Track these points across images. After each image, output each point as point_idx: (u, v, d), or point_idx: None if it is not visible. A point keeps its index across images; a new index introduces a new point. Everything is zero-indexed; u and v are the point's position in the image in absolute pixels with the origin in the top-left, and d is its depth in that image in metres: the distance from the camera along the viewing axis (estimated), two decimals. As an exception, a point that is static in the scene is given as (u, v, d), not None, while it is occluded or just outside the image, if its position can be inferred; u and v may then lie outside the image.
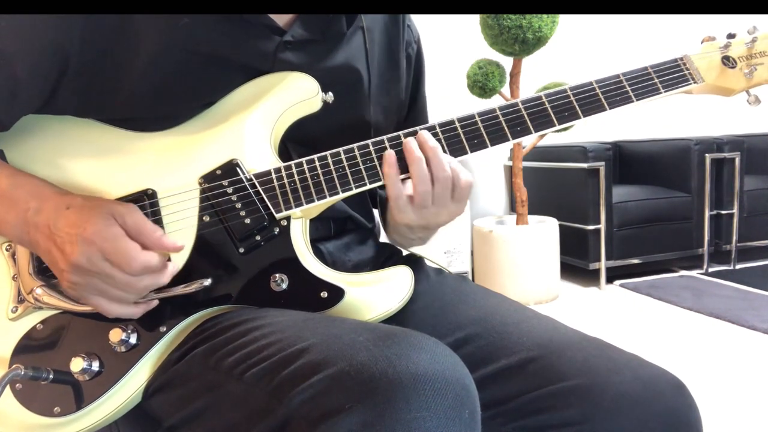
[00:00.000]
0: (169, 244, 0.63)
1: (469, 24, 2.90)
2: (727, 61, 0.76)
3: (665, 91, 0.74)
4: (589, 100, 0.72)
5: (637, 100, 0.73)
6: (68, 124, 0.70)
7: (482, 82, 2.60)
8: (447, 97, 3.02)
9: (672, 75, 0.74)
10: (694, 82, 0.75)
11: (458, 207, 0.72)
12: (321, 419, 0.48)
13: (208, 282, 0.66)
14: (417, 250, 0.86)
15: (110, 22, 0.65)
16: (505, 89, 2.69)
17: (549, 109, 0.72)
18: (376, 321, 0.67)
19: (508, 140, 0.71)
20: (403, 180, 0.69)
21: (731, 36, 0.77)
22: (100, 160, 0.69)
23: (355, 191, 0.69)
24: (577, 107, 0.72)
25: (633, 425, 0.61)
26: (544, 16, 2.43)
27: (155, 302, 0.65)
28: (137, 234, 0.61)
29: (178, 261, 0.66)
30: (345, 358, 0.51)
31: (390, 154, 0.68)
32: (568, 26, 3.26)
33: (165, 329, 0.66)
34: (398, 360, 0.50)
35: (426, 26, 2.98)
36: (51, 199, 0.63)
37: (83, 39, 0.65)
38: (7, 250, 0.68)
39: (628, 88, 0.73)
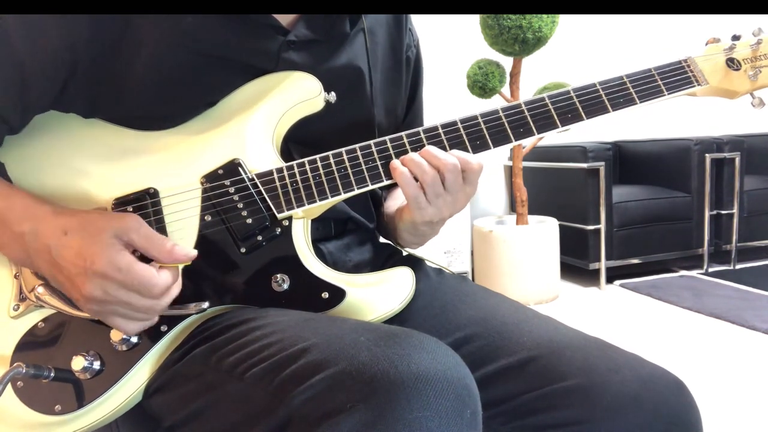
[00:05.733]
0: (182, 256, 0.60)
1: (469, 24, 2.89)
2: (732, 63, 0.75)
3: (669, 94, 0.73)
4: (593, 101, 0.72)
5: (641, 102, 0.72)
6: (72, 123, 0.70)
7: (482, 82, 2.60)
8: (447, 97, 3.02)
9: (676, 77, 0.74)
10: (698, 85, 0.74)
11: (471, 189, 0.72)
12: (322, 419, 0.48)
13: (205, 305, 0.65)
14: (417, 250, 0.86)
15: (115, 23, 0.65)
16: (505, 89, 2.69)
17: (552, 110, 0.71)
18: (377, 321, 0.67)
19: (511, 141, 0.71)
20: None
21: (736, 38, 0.76)
22: (102, 158, 0.69)
23: (356, 192, 0.69)
24: (580, 109, 0.72)
25: (633, 425, 0.61)
26: (544, 16, 2.43)
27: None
28: (147, 248, 0.59)
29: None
30: (346, 358, 0.51)
31: (395, 162, 0.69)
32: (568, 26, 3.26)
33: (166, 329, 0.66)
34: (399, 360, 0.50)
35: (426, 26, 2.98)
36: (45, 221, 0.60)
37: (89, 40, 0.65)
38: (8, 249, 0.68)
39: (632, 90, 0.72)
